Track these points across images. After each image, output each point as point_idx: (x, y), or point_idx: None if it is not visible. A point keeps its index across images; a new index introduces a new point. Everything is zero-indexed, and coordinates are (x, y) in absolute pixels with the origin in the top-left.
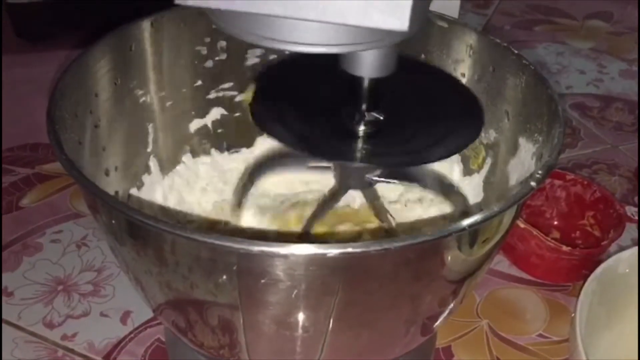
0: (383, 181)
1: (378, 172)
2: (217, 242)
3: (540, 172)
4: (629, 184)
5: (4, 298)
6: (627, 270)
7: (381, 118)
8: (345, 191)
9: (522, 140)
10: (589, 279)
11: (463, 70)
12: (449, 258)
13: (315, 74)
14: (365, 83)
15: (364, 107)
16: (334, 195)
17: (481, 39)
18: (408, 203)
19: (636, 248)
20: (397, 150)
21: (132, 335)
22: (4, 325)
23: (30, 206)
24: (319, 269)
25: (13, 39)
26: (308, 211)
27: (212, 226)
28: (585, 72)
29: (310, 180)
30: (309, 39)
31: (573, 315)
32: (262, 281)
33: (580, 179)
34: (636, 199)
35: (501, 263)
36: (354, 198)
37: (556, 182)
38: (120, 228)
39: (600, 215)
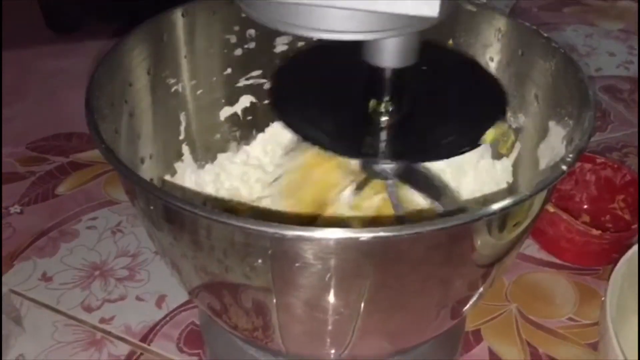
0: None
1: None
2: (251, 226)
3: (570, 155)
4: None
5: (44, 283)
6: None
7: (403, 108)
8: (371, 180)
9: (551, 124)
10: (619, 263)
11: (492, 54)
12: (479, 242)
13: (336, 65)
14: (388, 74)
15: (386, 98)
16: (361, 184)
17: (510, 22)
18: None
19: None
20: (421, 144)
21: (167, 318)
22: (44, 309)
23: (65, 194)
24: (351, 252)
25: (45, 31)
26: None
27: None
28: (615, 54)
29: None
30: (338, 26)
31: (603, 299)
32: (296, 265)
33: (610, 163)
34: None
35: (530, 247)
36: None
37: (586, 165)
38: (157, 214)
39: (631, 199)
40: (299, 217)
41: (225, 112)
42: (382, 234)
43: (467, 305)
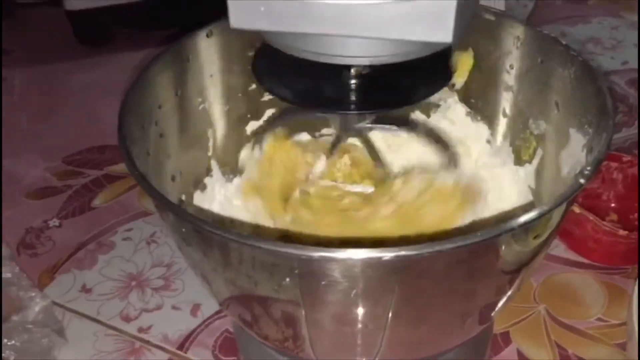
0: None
1: (372, 118)
2: (278, 249)
3: (588, 168)
4: None
5: (84, 295)
6: None
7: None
8: (345, 138)
9: (572, 131)
10: None
11: (511, 62)
12: (501, 254)
13: None
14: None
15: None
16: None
17: (528, 30)
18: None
19: None
20: (386, 97)
21: (202, 326)
22: (85, 320)
23: (101, 206)
24: (374, 270)
25: (75, 46)
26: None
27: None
28: None
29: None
30: (358, 53)
31: (631, 299)
32: (323, 283)
33: (637, 160)
34: None
35: (557, 248)
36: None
37: (612, 164)
38: (187, 232)
39: None
40: (325, 238)
41: (252, 126)
42: (403, 253)
43: (495, 310)
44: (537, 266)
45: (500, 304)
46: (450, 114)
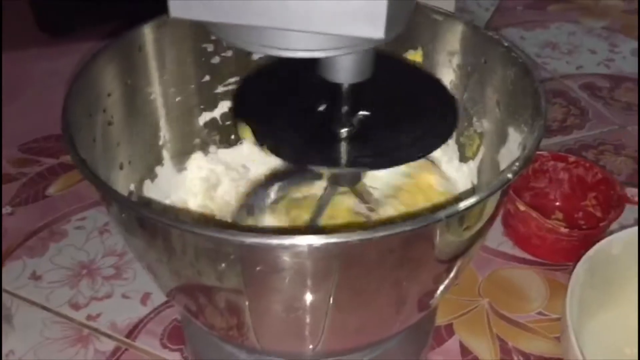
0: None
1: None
2: (219, 235)
3: (517, 164)
4: (634, 164)
5: (33, 282)
6: (621, 251)
7: (362, 119)
8: (335, 189)
9: (511, 130)
10: (582, 260)
11: (457, 62)
12: (433, 244)
13: (295, 82)
14: (344, 88)
15: (344, 110)
16: (327, 194)
17: (474, 31)
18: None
19: (629, 230)
20: (379, 152)
21: (151, 315)
22: (33, 307)
23: (55, 195)
24: (309, 257)
25: (36, 33)
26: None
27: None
28: (597, 51)
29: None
30: (296, 46)
31: (566, 293)
32: (258, 269)
33: (583, 161)
34: None
35: (504, 244)
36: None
37: (559, 164)
38: (130, 221)
39: (602, 197)
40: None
41: (204, 117)
42: (333, 240)
43: (433, 298)
44: (473, 256)
45: (437, 292)
46: None
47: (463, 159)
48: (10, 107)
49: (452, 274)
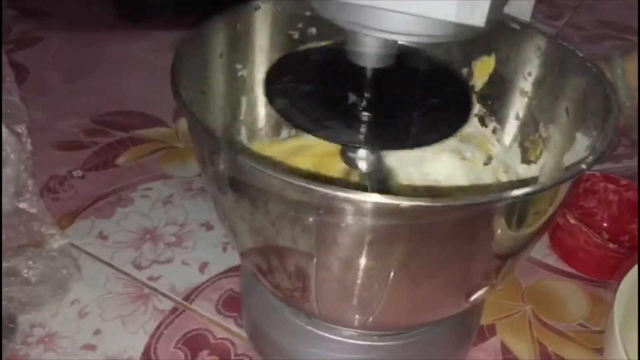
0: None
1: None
2: (306, 184)
3: (590, 157)
4: None
5: (100, 240)
6: None
7: (383, 104)
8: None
9: (578, 135)
10: (629, 274)
11: (530, 69)
12: (499, 229)
13: (323, 66)
14: (368, 73)
15: (367, 94)
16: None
17: (549, 41)
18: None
19: None
20: (397, 135)
21: (208, 283)
22: (99, 263)
23: (124, 165)
24: (388, 218)
25: (112, 17)
26: None
27: None
28: None
29: None
30: (397, 28)
31: (612, 303)
32: (341, 225)
33: (634, 185)
34: None
35: (550, 257)
36: None
37: (610, 186)
38: (223, 177)
39: None
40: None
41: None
42: (421, 203)
43: (480, 292)
44: (523, 258)
45: (485, 287)
46: None
47: (525, 161)
48: (83, 83)
49: (503, 270)
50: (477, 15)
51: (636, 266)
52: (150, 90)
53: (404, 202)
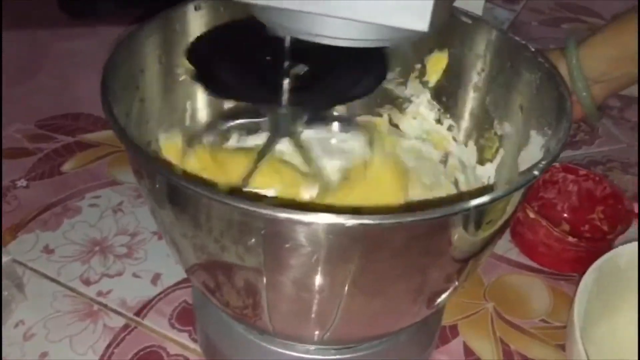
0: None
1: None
2: (248, 207)
3: (543, 162)
4: None
5: (45, 255)
6: (628, 264)
7: (302, 72)
8: (276, 139)
9: (533, 133)
10: (589, 270)
11: (483, 65)
12: (456, 236)
13: (246, 38)
14: (287, 42)
15: (286, 63)
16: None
17: (501, 36)
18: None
19: (636, 243)
20: (317, 96)
21: (161, 295)
22: (45, 280)
23: (70, 172)
24: (337, 237)
25: (57, 14)
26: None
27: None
28: None
29: None
30: (338, 34)
31: (572, 301)
32: (286, 245)
33: (592, 175)
34: None
35: (511, 251)
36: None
37: (569, 176)
38: (161, 192)
39: (610, 211)
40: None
41: (230, 102)
42: (367, 221)
43: (442, 297)
44: (485, 260)
45: (448, 291)
46: (421, 110)
47: (481, 161)
48: (27, 84)
49: (463, 274)
50: (421, 20)
51: (596, 262)
52: (98, 90)
53: (350, 221)
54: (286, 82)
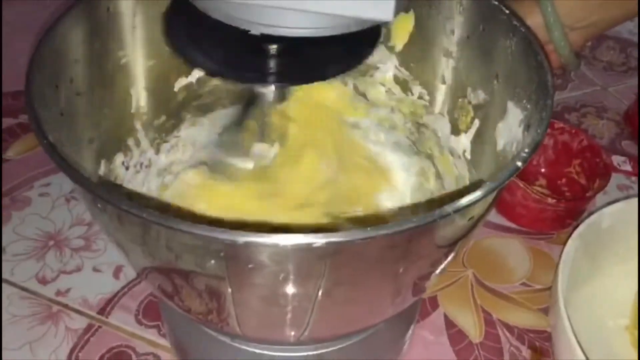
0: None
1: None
2: (203, 233)
3: (526, 151)
4: (616, 127)
5: None
6: (610, 225)
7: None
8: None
9: (510, 105)
10: (573, 235)
11: (453, 27)
12: (436, 236)
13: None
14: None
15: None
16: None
17: None
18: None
19: (619, 204)
20: (305, 67)
21: (125, 289)
22: None
23: (15, 158)
24: (304, 256)
25: None
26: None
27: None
28: None
29: None
30: (298, 24)
31: (556, 268)
32: (250, 266)
33: (568, 128)
34: (623, 144)
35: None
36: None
37: None
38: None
39: (587, 164)
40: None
41: (180, 83)
42: (334, 239)
43: (430, 280)
44: (474, 236)
45: (435, 273)
46: (388, 78)
47: (455, 131)
48: None
49: (451, 256)
50: (385, 11)
51: (578, 229)
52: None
53: (318, 241)
54: (271, 49)
